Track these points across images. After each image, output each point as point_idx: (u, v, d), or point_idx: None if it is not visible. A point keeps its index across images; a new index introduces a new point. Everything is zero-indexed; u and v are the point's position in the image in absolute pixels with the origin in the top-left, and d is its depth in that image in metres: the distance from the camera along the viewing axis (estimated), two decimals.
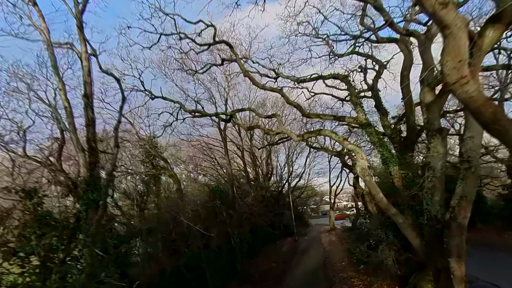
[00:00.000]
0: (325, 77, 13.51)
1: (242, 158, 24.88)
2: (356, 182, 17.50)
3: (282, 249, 26.03)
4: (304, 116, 13.14)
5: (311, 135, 12.59)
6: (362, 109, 12.81)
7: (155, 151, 16.56)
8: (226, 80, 18.58)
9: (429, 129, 10.72)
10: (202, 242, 12.92)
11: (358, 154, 11.28)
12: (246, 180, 23.75)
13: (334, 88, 19.06)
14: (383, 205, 10.84)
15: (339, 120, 13.20)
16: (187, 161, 25.25)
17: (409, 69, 13.48)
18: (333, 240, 27.57)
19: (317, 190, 61.54)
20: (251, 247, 19.46)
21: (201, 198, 19.33)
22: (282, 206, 33.95)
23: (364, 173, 10.92)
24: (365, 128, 12.56)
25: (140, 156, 18.56)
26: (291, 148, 36.25)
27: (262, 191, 25.08)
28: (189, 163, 25.86)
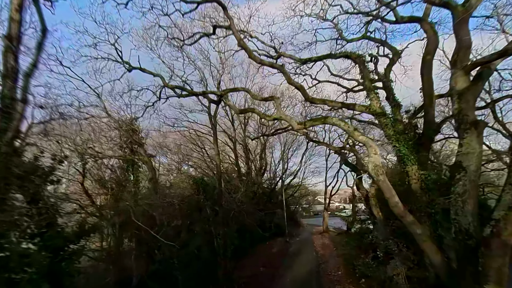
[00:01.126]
0: (335, 55, 11.45)
1: (234, 151, 22.78)
2: (359, 183, 15.61)
3: (272, 250, 24.12)
4: (307, 101, 11.09)
5: (315, 123, 10.56)
6: (376, 96, 10.82)
7: (129, 134, 14.31)
8: (219, 59, 16.38)
9: (461, 122, 8.77)
10: (179, 242, 10.81)
11: (370, 148, 9.30)
12: (237, 174, 21.70)
13: (339, 77, 17.13)
14: (398, 212, 8.91)
15: (348, 108, 11.19)
16: (174, 149, 23.06)
17: (433, 53, 11.48)
18: (327, 244, 25.74)
19: (310, 190, 59.71)
20: (237, 248, 17.48)
21: (185, 191, 17.21)
22: (274, 204, 32.02)
23: (377, 172, 8.95)
24: (379, 118, 10.57)
25: (117, 139, 16.28)
26: (287, 144, 34.35)
27: (253, 187, 23.04)
28: (177, 152, 23.65)
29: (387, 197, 8.93)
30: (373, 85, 13.41)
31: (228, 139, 23.71)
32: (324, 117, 10.28)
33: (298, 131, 16.92)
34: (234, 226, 16.13)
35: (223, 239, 14.46)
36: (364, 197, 14.94)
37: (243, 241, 20.08)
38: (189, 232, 13.59)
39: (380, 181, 8.96)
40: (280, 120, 11.16)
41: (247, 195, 19.99)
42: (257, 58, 10.32)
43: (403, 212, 8.90)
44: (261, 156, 28.12)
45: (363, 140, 9.54)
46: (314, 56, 11.75)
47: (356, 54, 11.30)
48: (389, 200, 8.93)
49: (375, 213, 13.12)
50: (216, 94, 11.65)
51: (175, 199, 15.47)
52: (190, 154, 22.90)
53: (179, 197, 15.86)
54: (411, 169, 9.75)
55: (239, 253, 18.46)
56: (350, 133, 9.66)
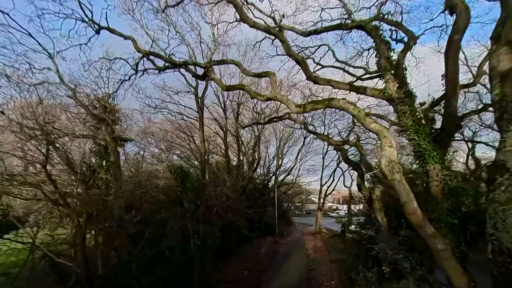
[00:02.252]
0: (346, 26, 9.47)
1: (224, 140, 20.77)
2: (362, 182, 13.75)
3: (260, 250, 22.32)
4: (310, 80, 9.13)
5: (317, 107, 8.60)
6: (393, 78, 8.88)
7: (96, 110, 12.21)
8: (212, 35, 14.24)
9: (504, 111, 6.88)
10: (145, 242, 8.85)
11: (384, 139, 7.40)
12: (226, 166, 19.74)
13: (345, 64, 15.22)
14: (416, 221, 7.05)
15: (358, 92, 9.23)
16: (159, 136, 20.95)
17: (462, 32, 9.52)
18: (319, 247, 24.03)
19: (304, 188, 58.14)
20: (221, 248, 15.62)
21: (165, 181, 15.21)
22: (265, 201, 30.21)
23: (392, 169, 7.06)
24: (395, 104, 8.66)
25: (89, 119, 14.18)
26: (282, 140, 32.46)
27: (244, 181, 21.10)
28: (162, 139, 21.53)
29: (404, 202, 7.04)
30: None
31: (219, 128, 21.71)
32: (329, 99, 8.34)
33: (296, 120, 14.97)
34: (217, 223, 14.21)
35: (203, 238, 12.54)
36: (367, 199, 13.14)
37: (228, 241, 18.24)
38: (163, 229, 11.66)
39: (396, 181, 7.07)
40: (275, 101, 9.20)
41: (236, 190, 18.05)
42: (250, 20, 8.30)
43: (421, 221, 7.04)
44: (254, 149, 26.16)
45: (376, 128, 7.62)
46: (320, 27, 9.75)
47: (372, 25, 9.32)
48: (405, 206, 7.06)
49: (379, 219, 11.29)
50: (200, 66, 9.62)
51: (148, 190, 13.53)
52: (175, 142, 20.85)
53: (153, 188, 13.89)
54: (433, 168, 7.86)
55: (222, 254, 16.61)
56: (360, 119, 7.73)
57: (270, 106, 23.27)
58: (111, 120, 15.60)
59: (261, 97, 9.22)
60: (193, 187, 12.84)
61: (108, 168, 15.17)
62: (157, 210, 13.77)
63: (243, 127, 17.94)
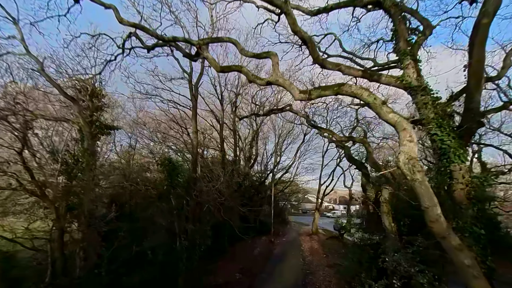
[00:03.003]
0: (361, 2, 8.26)
1: (220, 133, 19.56)
2: (367, 183, 12.63)
3: (254, 250, 21.21)
4: (317, 63, 7.97)
5: (324, 93, 7.42)
6: (413, 63, 7.72)
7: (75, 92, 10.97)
8: (210, 17, 13.05)
9: None
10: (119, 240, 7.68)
11: (404, 132, 6.29)
12: (221, 160, 18.56)
13: (352, 55, 14.11)
14: (439, 229, 5.94)
15: (371, 79, 8.07)
16: (151, 126, 19.67)
17: (492, 16, 8.39)
18: (316, 248, 22.98)
19: (301, 187, 57.16)
20: (212, 249, 14.52)
21: (152, 174, 14.01)
22: (261, 199, 29.10)
23: (412, 167, 5.99)
24: (415, 94, 7.51)
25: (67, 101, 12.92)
26: (281, 136, 31.33)
27: (239, 177, 19.95)
28: (155, 130, 20.28)
29: (425, 207, 5.91)
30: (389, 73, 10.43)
31: (216, 120, 20.48)
32: (339, 85, 7.17)
33: (298, 113, 13.78)
34: (209, 222, 13.07)
35: (192, 238, 11.39)
36: (372, 201, 12.05)
37: (220, 240, 17.14)
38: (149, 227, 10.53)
39: (416, 182, 5.94)
40: (276, 94, 8.06)
41: (230, 186, 16.90)
42: None
43: (445, 230, 5.92)
44: (251, 144, 24.96)
45: (394, 119, 6.46)
46: (331, 4, 8.53)
47: (391, 0, 8.11)
48: (427, 212, 5.93)
49: (386, 223, 10.20)
50: (192, 43, 8.40)
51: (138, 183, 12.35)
52: (168, 133, 19.62)
53: (143, 181, 12.71)
54: (458, 168, 6.75)
55: (214, 253, 15.49)
56: (376, 108, 6.57)
57: (270, 100, 22.11)
58: (97, 105, 14.41)
59: (260, 81, 8.02)
60: (183, 182, 11.67)
61: (83, 155, 14.00)
62: (146, 206, 12.61)
63: (240, 118, 16.73)
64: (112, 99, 16.57)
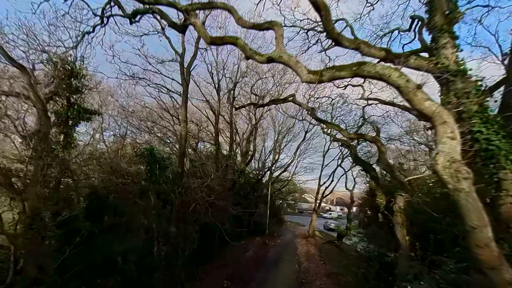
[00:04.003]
0: None
1: (215, 125, 17.96)
2: (377, 188, 11.13)
3: (247, 253, 19.78)
4: (331, 37, 6.54)
5: (340, 74, 5.85)
6: (452, 43, 6.17)
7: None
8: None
9: None
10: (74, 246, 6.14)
11: (443, 126, 4.78)
12: (215, 154, 17.01)
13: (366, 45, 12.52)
14: (489, 257, 4.42)
15: (395, 62, 6.51)
16: (139, 114, 18.02)
17: None
18: (312, 254, 21.57)
19: (299, 186, 55.77)
20: (199, 252, 13.05)
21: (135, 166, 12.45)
22: (257, 197, 27.64)
23: (455, 173, 4.47)
24: (454, 81, 5.96)
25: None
26: (281, 133, 29.79)
27: (234, 174, 18.41)
28: (144, 118, 18.64)
29: (472, 226, 4.38)
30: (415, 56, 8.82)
31: (211, 111, 18.87)
32: (359, 63, 5.64)
33: (301, 105, 12.20)
34: (195, 223, 11.56)
35: (173, 242, 9.87)
36: (383, 209, 10.57)
37: (209, 242, 15.64)
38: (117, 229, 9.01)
39: (462, 193, 4.43)
40: (279, 63, 6.45)
41: (223, 184, 15.37)
42: None
43: (497, 260, 4.43)
44: (248, 139, 23.37)
45: (431, 110, 4.90)
46: None
47: None
48: (474, 233, 4.40)
49: (399, 236, 8.72)
50: (178, 8, 6.81)
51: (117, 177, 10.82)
52: (157, 122, 18.01)
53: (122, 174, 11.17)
54: (511, 177, 5.23)
55: (201, 257, 13.99)
56: (407, 94, 5.01)
57: (271, 93, 20.45)
58: (77, 86, 12.84)
59: (260, 57, 6.45)
60: (165, 177, 10.14)
61: (66, 144, 12.42)
62: (124, 204, 11.07)
63: (237, 108, 15.11)
64: (96, 81, 14.94)
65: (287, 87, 20.40)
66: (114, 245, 8.61)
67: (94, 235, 8.71)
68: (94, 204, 12.70)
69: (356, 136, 10.67)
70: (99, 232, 9.21)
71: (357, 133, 11.48)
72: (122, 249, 8.54)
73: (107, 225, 10.29)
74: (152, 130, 18.43)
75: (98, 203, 12.54)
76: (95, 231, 9.36)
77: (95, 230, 11.35)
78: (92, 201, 12.74)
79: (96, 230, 11.52)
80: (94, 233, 8.67)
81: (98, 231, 9.13)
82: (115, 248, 8.56)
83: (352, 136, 10.70)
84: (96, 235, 8.92)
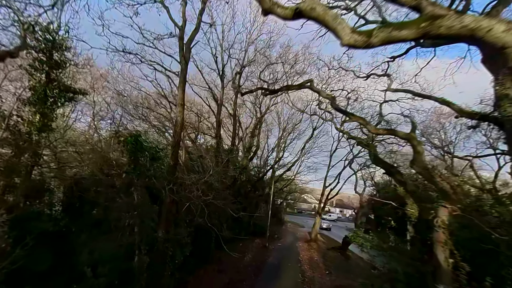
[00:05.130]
0: None
1: (217, 115, 16.15)
2: (406, 195, 9.31)
3: (245, 257, 18.08)
4: None
5: (399, 34, 4.08)
6: None
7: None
8: None
9: None
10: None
11: None
12: (216, 148, 15.22)
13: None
14: None
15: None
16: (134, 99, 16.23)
17: None
18: (316, 261, 19.85)
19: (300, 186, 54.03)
20: (193, 256, 11.36)
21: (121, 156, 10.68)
22: (258, 196, 25.93)
23: None
24: None
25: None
26: (286, 129, 28.01)
27: (235, 171, 16.67)
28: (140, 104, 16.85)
29: None
30: None
31: (213, 100, 17.07)
32: (431, 17, 3.85)
33: (320, 92, 10.35)
34: (188, 225, 9.83)
35: (161, 249, 8.13)
36: (414, 220, 8.80)
37: (204, 245, 13.95)
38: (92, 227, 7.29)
39: None
40: (310, 19, 4.64)
41: (223, 181, 13.65)
42: None
43: None
44: (253, 133, 21.58)
45: None
46: None
47: None
48: None
49: (440, 258, 6.96)
50: None
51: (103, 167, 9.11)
52: (151, 108, 16.17)
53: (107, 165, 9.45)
54: None
55: (194, 263, 12.28)
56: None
57: (279, 83, 18.59)
58: (60, 60, 11.14)
59: (283, 11, 4.68)
60: (156, 169, 8.40)
61: (44, 123, 10.70)
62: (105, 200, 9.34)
63: (243, 93, 13.23)
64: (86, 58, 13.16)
65: (297, 79, 18.52)
66: (84, 253, 6.89)
67: (64, 237, 7.03)
68: (74, 198, 11.00)
69: (386, 132, 8.89)
70: (75, 232, 7.55)
71: (386, 128, 9.69)
72: (95, 257, 6.83)
73: (84, 224, 8.58)
74: (148, 119, 16.65)
75: (79, 196, 10.84)
76: (71, 230, 7.70)
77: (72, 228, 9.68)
78: (73, 194, 11.03)
79: (74, 228, 9.85)
80: (63, 233, 6.99)
81: (73, 231, 7.44)
82: (85, 256, 6.85)
83: (380, 132, 8.92)
84: (68, 236, 7.25)
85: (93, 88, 17.50)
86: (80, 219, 10.09)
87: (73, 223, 9.94)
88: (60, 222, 8.33)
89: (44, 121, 10.52)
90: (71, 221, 10.01)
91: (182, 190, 9.71)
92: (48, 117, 10.83)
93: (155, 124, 16.79)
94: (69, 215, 10.50)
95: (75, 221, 10.08)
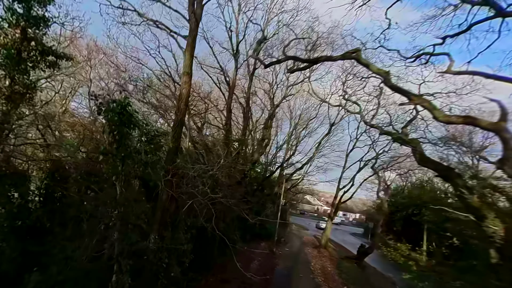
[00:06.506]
0: None
1: (228, 99, 13.84)
2: (482, 206, 7.03)
3: (251, 264, 15.89)
4: None
5: None
6: None
7: None
8: None
9: None
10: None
11: None
12: (225, 137, 12.95)
13: None
14: None
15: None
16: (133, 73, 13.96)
17: None
18: (329, 271, 17.59)
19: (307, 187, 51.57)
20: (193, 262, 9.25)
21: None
22: (266, 196, 23.72)
23: None
24: None
25: None
26: (300, 124, 25.75)
27: (245, 165, 14.46)
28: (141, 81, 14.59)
29: None
30: None
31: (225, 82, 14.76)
32: None
33: (370, 67, 8.03)
34: (188, 229, 7.66)
35: (153, 260, 5.94)
36: (501, 241, 6.50)
37: (207, 250, 11.86)
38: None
39: None
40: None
41: (232, 175, 11.50)
42: None
43: None
44: (266, 124, 19.27)
45: None
46: None
47: None
48: None
49: None
50: None
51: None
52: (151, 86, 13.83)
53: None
54: None
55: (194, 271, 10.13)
56: None
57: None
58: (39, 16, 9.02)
59: None
60: (151, 156, 6.22)
61: (12, 94, 8.58)
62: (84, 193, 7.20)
63: (267, 65, 10.80)
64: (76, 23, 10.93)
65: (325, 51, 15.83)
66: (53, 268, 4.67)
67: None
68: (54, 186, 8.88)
69: (461, 121, 6.55)
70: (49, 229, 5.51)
71: (463, 116, 7.33)
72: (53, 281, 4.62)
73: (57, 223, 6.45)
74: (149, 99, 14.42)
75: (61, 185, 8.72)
76: (45, 226, 5.65)
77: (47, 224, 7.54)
78: (55, 181, 8.91)
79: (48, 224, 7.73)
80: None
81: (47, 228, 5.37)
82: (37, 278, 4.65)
83: (452, 120, 6.59)
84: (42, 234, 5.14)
85: (89, 62, 15.38)
86: (57, 215, 8.00)
87: (49, 219, 7.86)
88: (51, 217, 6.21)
89: (14, 87, 8.38)
90: (48, 215, 7.93)
91: (183, 184, 7.53)
92: (23, 84, 8.69)
93: (157, 105, 14.51)
94: (47, 207, 8.43)
95: (52, 216, 8.00)
